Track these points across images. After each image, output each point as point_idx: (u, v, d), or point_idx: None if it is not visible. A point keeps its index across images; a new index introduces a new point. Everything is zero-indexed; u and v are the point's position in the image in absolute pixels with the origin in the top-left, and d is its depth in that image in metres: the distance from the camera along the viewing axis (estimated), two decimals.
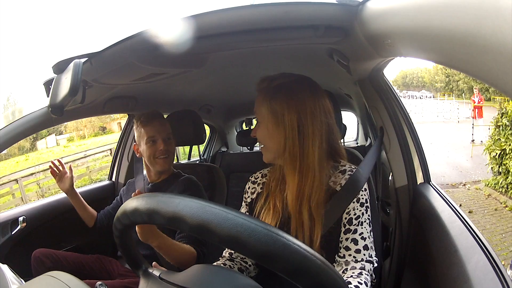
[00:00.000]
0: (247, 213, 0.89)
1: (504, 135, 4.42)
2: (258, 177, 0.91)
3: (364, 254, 0.73)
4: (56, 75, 0.80)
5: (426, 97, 23.64)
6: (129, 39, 0.71)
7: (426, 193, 0.97)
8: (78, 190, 1.64)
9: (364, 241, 0.74)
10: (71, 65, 0.72)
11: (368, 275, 0.71)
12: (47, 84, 0.84)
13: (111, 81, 1.04)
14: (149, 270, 0.55)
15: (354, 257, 0.73)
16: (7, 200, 7.01)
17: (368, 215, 0.78)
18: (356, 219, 0.76)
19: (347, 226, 0.76)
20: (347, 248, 0.74)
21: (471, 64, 0.35)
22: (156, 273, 0.53)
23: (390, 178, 1.09)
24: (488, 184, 4.68)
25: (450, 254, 0.68)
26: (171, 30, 0.65)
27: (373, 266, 0.74)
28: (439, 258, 0.73)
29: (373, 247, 0.76)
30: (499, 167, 4.44)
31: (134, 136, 1.74)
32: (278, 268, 0.36)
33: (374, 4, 0.55)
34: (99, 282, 0.59)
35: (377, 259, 0.75)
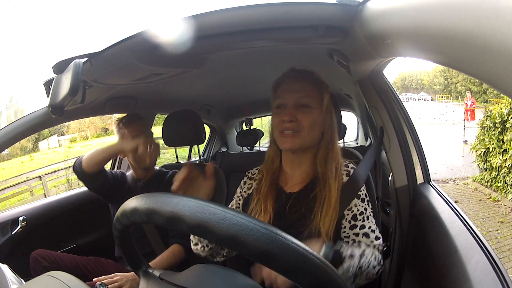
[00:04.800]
0: (239, 207, 0.89)
1: (488, 135, 4.82)
2: (255, 173, 0.91)
3: (375, 244, 0.76)
4: (56, 75, 0.80)
5: (425, 99, 23.75)
6: (129, 39, 0.71)
7: (426, 193, 0.97)
8: (78, 190, 1.64)
9: (374, 232, 0.77)
10: (71, 65, 0.72)
11: (379, 254, 0.74)
12: (47, 84, 0.84)
13: (111, 81, 1.04)
14: (149, 270, 0.55)
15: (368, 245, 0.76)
16: (22, 198, 7.00)
17: (371, 209, 0.80)
18: (360, 214, 0.77)
19: (353, 222, 0.77)
20: (360, 243, 0.76)
21: (471, 65, 0.35)
22: (156, 273, 0.53)
23: (390, 178, 1.09)
24: (475, 180, 5.16)
25: (450, 254, 0.68)
26: (171, 30, 0.65)
27: (382, 251, 0.77)
28: (439, 258, 0.73)
29: (380, 237, 0.79)
30: (484, 164, 4.91)
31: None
32: (277, 267, 0.36)
33: (374, 4, 0.55)
34: (99, 282, 0.59)
35: (384, 245, 0.78)
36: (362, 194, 0.80)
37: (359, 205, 0.78)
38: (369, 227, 0.77)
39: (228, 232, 0.36)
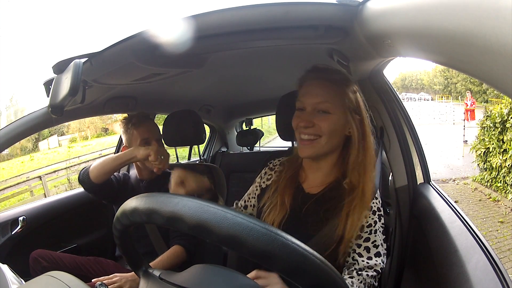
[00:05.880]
0: (254, 198, 0.88)
1: (488, 135, 4.81)
2: (277, 164, 0.88)
3: (376, 261, 0.72)
4: (56, 75, 0.80)
5: (425, 99, 23.75)
6: (129, 39, 0.71)
7: (426, 193, 0.97)
8: (78, 190, 1.64)
9: (377, 248, 0.73)
10: (71, 65, 0.72)
11: (372, 279, 0.71)
12: (47, 84, 0.84)
13: (111, 81, 1.04)
14: (149, 270, 0.55)
15: (363, 264, 0.72)
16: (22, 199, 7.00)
17: (382, 224, 0.76)
18: (368, 226, 0.74)
19: (358, 233, 0.73)
20: (360, 255, 0.73)
21: (471, 65, 0.35)
22: (156, 273, 0.53)
23: (390, 178, 1.09)
24: (475, 180, 5.16)
25: (450, 254, 0.68)
26: (171, 30, 0.65)
27: (379, 273, 0.73)
28: (439, 258, 0.73)
29: (385, 254, 0.75)
30: (484, 164, 4.91)
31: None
32: (277, 268, 0.36)
33: (374, 4, 0.55)
34: (99, 282, 0.59)
35: (384, 265, 0.74)
36: (374, 206, 0.76)
37: (369, 216, 0.74)
38: (373, 241, 0.73)
39: (228, 232, 0.36)
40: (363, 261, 0.72)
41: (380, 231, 0.75)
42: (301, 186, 0.80)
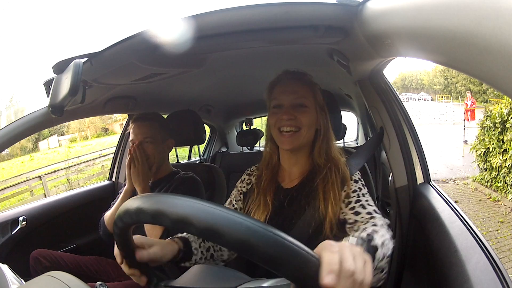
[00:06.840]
0: (240, 200, 0.92)
1: (488, 135, 4.82)
2: (254, 170, 0.95)
3: (375, 217, 0.71)
4: (56, 75, 0.80)
5: (425, 99, 23.73)
6: (129, 39, 0.71)
7: (426, 193, 0.97)
8: (78, 190, 1.64)
9: (372, 207, 0.74)
10: (71, 65, 0.72)
11: (383, 228, 0.66)
12: (47, 84, 0.84)
13: (111, 81, 1.04)
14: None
15: (366, 218, 0.71)
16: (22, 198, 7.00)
17: (366, 192, 0.79)
18: (353, 192, 0.77)
19: (347, 200, 0.76)
20: (357, 213, 0.73)
21: (471, 65, 0.35)
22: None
23: (390, 178, 1.09)
24: (475, 180, 5.14)
25: (450, 254, 0.68)
26: (171, 30, 0.66)
27: (387, 222, 0.70)
28: (439, 258, 0.73)
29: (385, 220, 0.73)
30: (484, 164, 4.90)
31: None
32: (256, 258, 0.36)
33: (374, 4, 0.55)
34: (99, 282, 0.59)
35: (388, 221, 0.72)
36: (355, 177, 0.82)
37: (352, 185, 0.79)
38: (366, 200, 0.75)
39: (207, 225, 0.37)
40: (361, 217, 0.72)
41: (368, 196, 0.78)
42: (281, 186, 0.86)
